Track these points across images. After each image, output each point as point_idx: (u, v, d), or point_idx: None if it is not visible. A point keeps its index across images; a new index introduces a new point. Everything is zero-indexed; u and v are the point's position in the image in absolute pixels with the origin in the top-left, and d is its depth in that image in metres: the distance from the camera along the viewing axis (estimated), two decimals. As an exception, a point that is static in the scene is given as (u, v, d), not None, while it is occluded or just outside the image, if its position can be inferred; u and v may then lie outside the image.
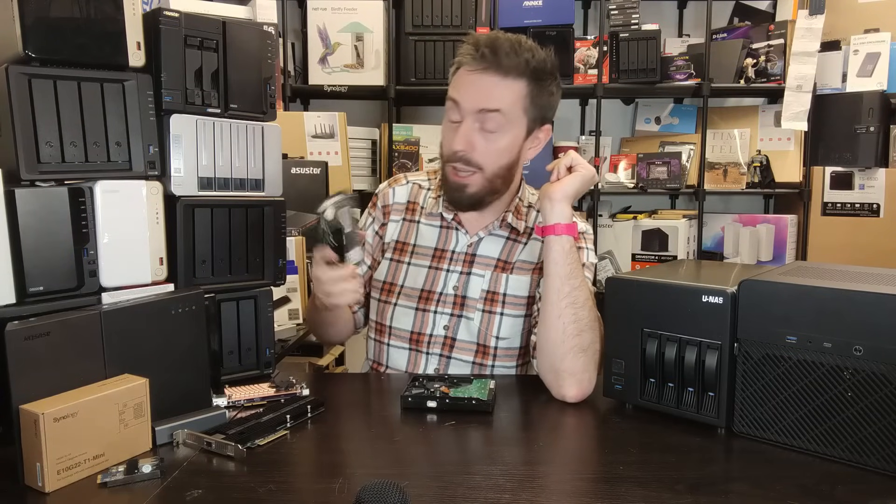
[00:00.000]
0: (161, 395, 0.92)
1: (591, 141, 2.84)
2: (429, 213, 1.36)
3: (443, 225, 1.35)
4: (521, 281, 1.31)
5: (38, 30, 0.88)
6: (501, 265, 1.32)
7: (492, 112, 1.20)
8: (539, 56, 1.22)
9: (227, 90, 1.08)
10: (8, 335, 0.80)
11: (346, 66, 2.67)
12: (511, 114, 1.21)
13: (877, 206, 2.54)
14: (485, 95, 1.20)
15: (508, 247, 1.33)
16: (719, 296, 0.95)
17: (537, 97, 1.23)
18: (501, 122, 1.21)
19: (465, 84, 1.22)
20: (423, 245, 1.35)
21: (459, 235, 1.34)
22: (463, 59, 1.23)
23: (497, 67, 1.19)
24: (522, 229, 1.34)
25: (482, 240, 1.33)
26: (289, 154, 2.14)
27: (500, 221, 1.33)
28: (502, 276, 1.31)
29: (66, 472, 0.80)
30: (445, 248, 1.34)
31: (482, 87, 1.20)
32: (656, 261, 2.71)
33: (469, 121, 1.21)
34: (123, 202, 0.97)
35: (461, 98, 1.21)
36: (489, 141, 1.22)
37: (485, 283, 1.30)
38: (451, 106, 1.24)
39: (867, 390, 0.85)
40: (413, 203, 1.38)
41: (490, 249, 1.33)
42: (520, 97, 1.21)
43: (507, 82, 1.20)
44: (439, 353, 1.30)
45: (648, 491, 0.80)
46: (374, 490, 0.70)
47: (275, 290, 1.19)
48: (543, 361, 1.15)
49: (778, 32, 2.65)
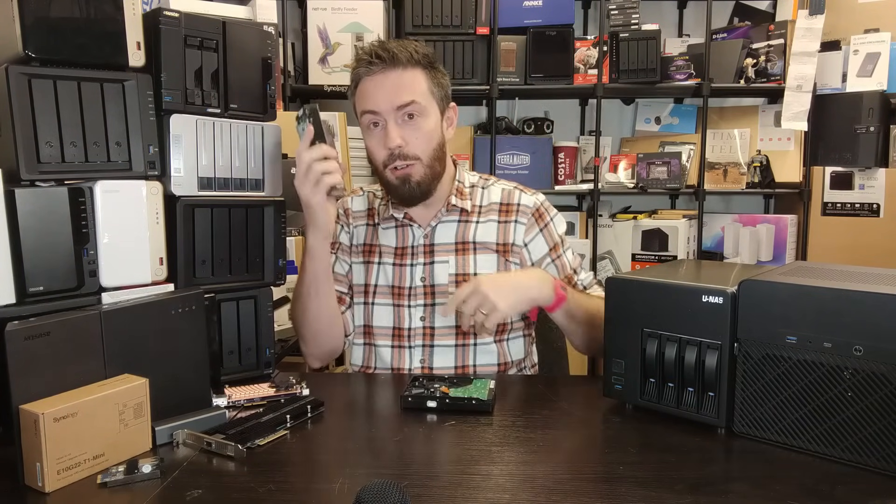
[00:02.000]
0: (161, 395, 0.92)
1: (591, 141, 2.84)
2: (383, 218, 1.40)
3: (397, 225, 1.40)
4: (489, 259, 1.36)
5: (38, 30, 0.88)
6: (461, 247, 1.37)
7: (408, 105, 1.26)
8: (421, 46, 1.31)
9: (227, 90, 1.08)
10: (8, 335, 0.80)
11: (346, 66, 2.67)
12: (423, 99, 1.28)
13: (877, 206, 2.54)
14: (395, 92, 1.26)
15: (462, 228, 1.38)
16: (719, 296, 0.95)
17: (436, 79, 1.31)
18: (419, 109, 1.27)
19: (373, 90, 1.27)
20: (387, 245, 1.40)
21: (414, 230, 1.38)
22: (361, 70, 1.28)
23: (395, 63, 1.26)
24: (470, 208, 1.39)
25: (435, 228, 1.38)
26: (289, 154, 2.13)
27: (445, 206, 1.37)
28: (469, 257, 1.36)
29: (66, 472, 0.80)
30: (405, 244, 1.39)
31: (390, 84, 1.26)
32: (656, 261, 2.71)
33: (392, 119, 1.26)
34: (123, 202, 0.97)
35: (377, 104, 1.26)
36: (416, 128, 1.28)
37: (451, 267, 1.35)
38: (369, 118, 1.29)
39: (867, 390, 0.85)
40: (371, 209, 1.44)
41: (445, 235, 1.38)
42: (423, 83, 1.29)
43: (408, 72, 1.27)
44: (422, 343, 1.35)
45: (648, 491, 0.80)
46: (374, 490, 0.70)
47: (275, 290, 1.19)
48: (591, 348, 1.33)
49: (778, 32, 2.65)
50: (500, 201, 1.40)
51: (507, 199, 1.40)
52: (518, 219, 1.38)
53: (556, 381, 1.27)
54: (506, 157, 2.72)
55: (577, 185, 2.80)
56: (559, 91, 2.75)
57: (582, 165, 2.89)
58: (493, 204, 1.40)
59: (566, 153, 2.78)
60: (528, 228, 1.38)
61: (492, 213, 1.39)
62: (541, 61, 2.62)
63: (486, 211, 1.39)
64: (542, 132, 2.82)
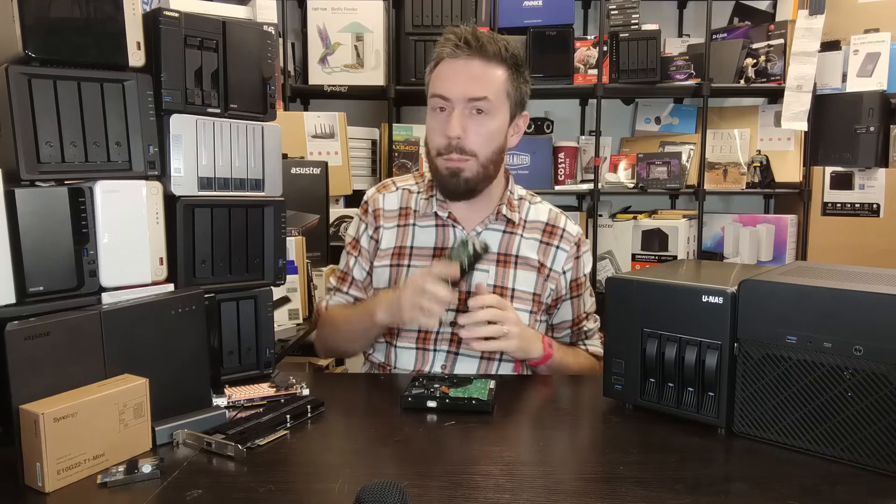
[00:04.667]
0: (161, 395, 0.92)
1: (591, 141, 2.84)
2: (423, 215, 1.36)
3: (438, 224, 1.35)
4: (528, 277, 1.33)
5: (38, 30, 0.88)
6: (503, 258, 1.33)
7: (480, 100, 1.23)
8: (512, 45, 1.28)
9: (227, 90, 1.08)
10: (8, 335, 0.79)
11: (346, 66, 2.67)
12: (497, 99, 1.25)
13: (877, 206, 2.54)
14: (472, 83, 1.23)
15: (507, 239, 1.35)
16: (719, 296, 0.95)
17: (516, 83, 1.29)
18: (489, 107, 1.24)
19: (450, 75, 1.25)
20: (421, 246, 1.35)
21: (457, 231, 1.34)
22: (444, 51, 1.26)
23: (481, 53, 1.23)
24: (517, 221, 1.36)
25: (480, 234, 1.34)
26: (289, 154, 2.13)
27: (495, 214, 1.34)
28: (509, 271, 1.33)
29: (66, 472, 0.80)
30: (444, 245, 1.34)
31: (468, 74, 1.24)
32: (656, 261, 2.71)
33: (460, 108, 1.24)
34: (123, 202, 0.97)
35: (449, 89, 1.24)
36: (481, 125, 1.25)
37: (490, 277, 1.32)
38: (437, 101, 1.26)
39: (867, 390, 0.85)
40: (405, 208, 1.38)
41: (489, 244, 1.32)
42: (503, 82, 1.26)
43: (491, 68, 1.25)
44: (446, 349, 1.31)
45: (648, 491, 0.80)
46: (374, 490, 0.70)
47: (275, 290, 1.19)
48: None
49: (778, 32, 2.65)
50: (546, 221, 1.38)
51: (554, 221, 1.39)
52: (561, 245, 1.37)
53: (556, 381, 1.27)
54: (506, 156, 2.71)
55: (577, 185, 2.80)
56: (559, 91, 2.75)
57: (582, 165, 2.89)
58: (538, 222, 1.38)
59: (566, 153, 2.79)
60: (569, 256, 1.37)
61: (535, 231, 1.37)
62: (541, 61, 2.62)
63: (531, 228, 1.37)
64: (542, 132, 2.82)
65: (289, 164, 2.04)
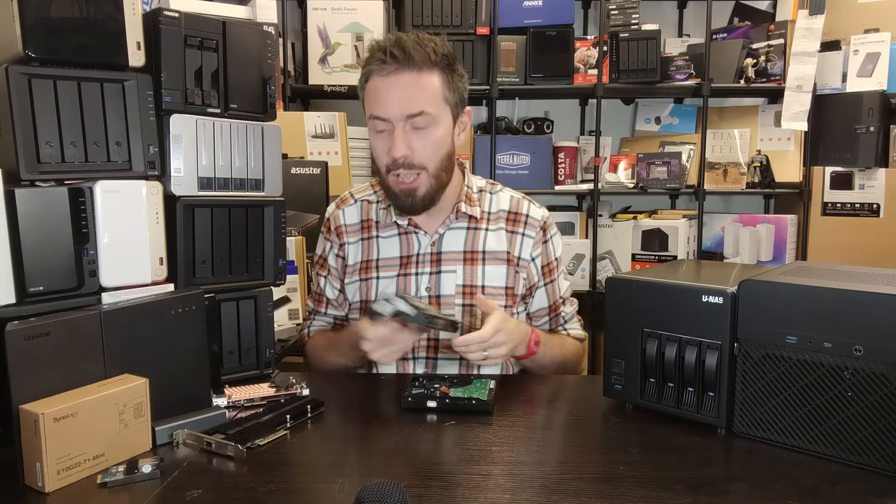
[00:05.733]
0: (161, 395, 0.92)
1: (591, 141, 2.84)
2: (384, 226, 1.35)
3: (400, 232, 1.34)
4: (498, 271, 1.32)
5: (38, 30, 0.88)
6: (470, 256, 1.33)
7: (418, 115, 1.20)
8: (440, 45, 1.23)
9: (227, 90, 1.08)
10: (8, 335, 0.80)
11: (346, 66, 2.67)
12: (436, 108, 1.21)
13: (877, 206, 2.54)
14: (407, 100, 1.19)
15: (471, 236, 1.34)
16: (719, 296, 0.95)
17: (452, 84, 1.24)
18: (429, 120, 1.21)
19: (384, 93, 1.20)
20: (387, 257, 1.34)
21: (420, 237, 1.33)
22: (373, 67, 1.21)
23: (409, 64, 1.18)
24: (479, 215, 1.35)
25: (443, 236, 1.33)
26: (289, 154, 2.13)
27: (454, 213, 1.33)
28: (477, 268, 1.32)
29: (66, 472, 0.80)
30: (410, 253, 1.33)
31: (402, 90, 1.19)
32: (656, 261, 2.71)
33: (400, 126, 1.20)
34: (123, 202, 0.97)
35: (386, 110, 1.20)
36: (425, 138, 1.22)
37: (458, 277, 1.31)
38: (377, 123, 1.22)
39: (867, 390, 0.85)
40: (366, 220, 1.37)
41: (453, 244, 1.33)
42: (438, 88, 1.22)
43: (423, 77, 1.20)
44: (425, 356, 1.31)
45: (648, 491, 0.80)
46: (374, 490, 0.70)
47: (275, 290, 1.19)
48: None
49: (778, 32, 2.65)
50: (508, 209, 1.37)
51: (516, 207, 1.37)
52: (526, 232, 1.35)
53: (555, 380, 1.27)
54: (506, 157, 2.72)
55: (577, 185, 2.80)
56: (559, 91, 2.75)
57: (582, 165, 2.89)
58: (501, 211, 1.36)
59: (566, 153, 2.79)
60: (535, 242, 1.36)
61: (500, 221, 1.35)
62: (541, 61, 2.62)
63: (495, 218, 1.36)
64: (542, 132, 2.82)
65: (289, 164, 2.04)
